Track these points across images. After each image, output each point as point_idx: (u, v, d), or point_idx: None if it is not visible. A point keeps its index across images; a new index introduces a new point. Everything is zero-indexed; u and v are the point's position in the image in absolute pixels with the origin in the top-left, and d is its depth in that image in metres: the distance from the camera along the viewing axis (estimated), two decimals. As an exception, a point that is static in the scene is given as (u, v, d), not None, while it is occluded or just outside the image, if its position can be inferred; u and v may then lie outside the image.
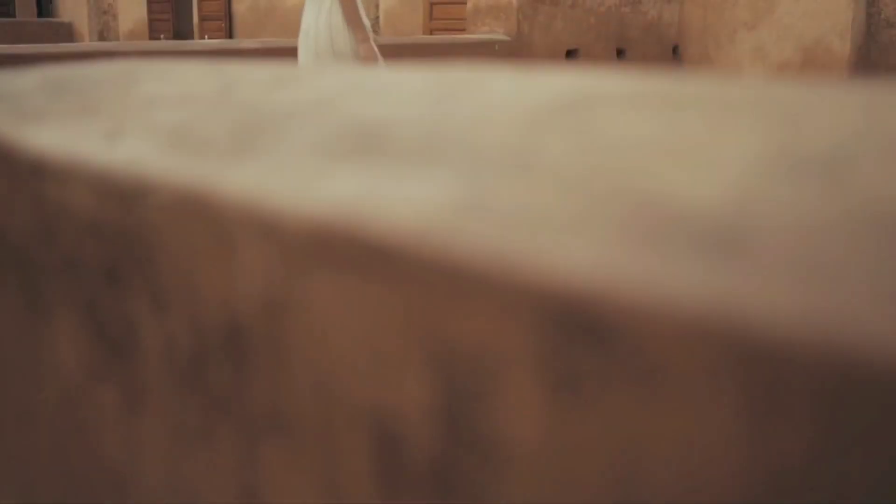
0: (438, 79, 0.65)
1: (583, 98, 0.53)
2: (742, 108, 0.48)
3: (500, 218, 0.40)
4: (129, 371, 0.62)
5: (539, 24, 7.79)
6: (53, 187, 0.68)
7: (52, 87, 0.91)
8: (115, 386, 0.64)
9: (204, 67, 0.91)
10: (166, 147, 0.63)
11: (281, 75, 0.78)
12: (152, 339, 0.59)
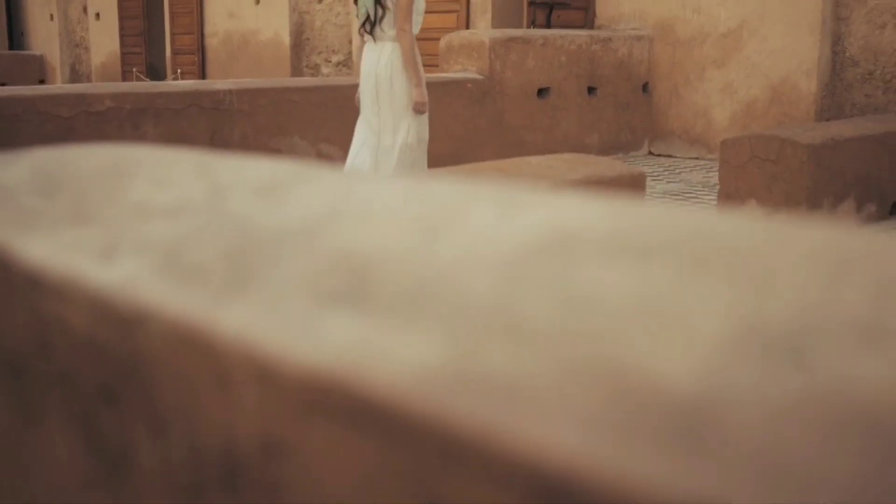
0: (422, 206, 0.68)
1: (560, 241, 0.56)
2: (714, 264, 0.51)
3: (485, 383, 0.43)
4: (123, 489, 0.65)
5: (511, 63, 7.88)
6: (50, 302, 0.70)
7: (42, 185, 0.94)
8: (107, 502, 0.66)
9: (194, 166, 0.94)
10: (161, 269, 0.65)
11: (270, 183, 0.81)
12: (149, 461, 0.61)
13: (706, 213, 0.63)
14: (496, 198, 0.70)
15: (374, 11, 4.74)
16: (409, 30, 4.72)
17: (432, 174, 4.00)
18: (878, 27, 7.80)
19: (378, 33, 4.81)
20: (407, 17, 4.70)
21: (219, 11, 14.82)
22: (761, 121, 8.31)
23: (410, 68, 4.78)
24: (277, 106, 6.30)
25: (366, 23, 4.82)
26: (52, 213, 0.84)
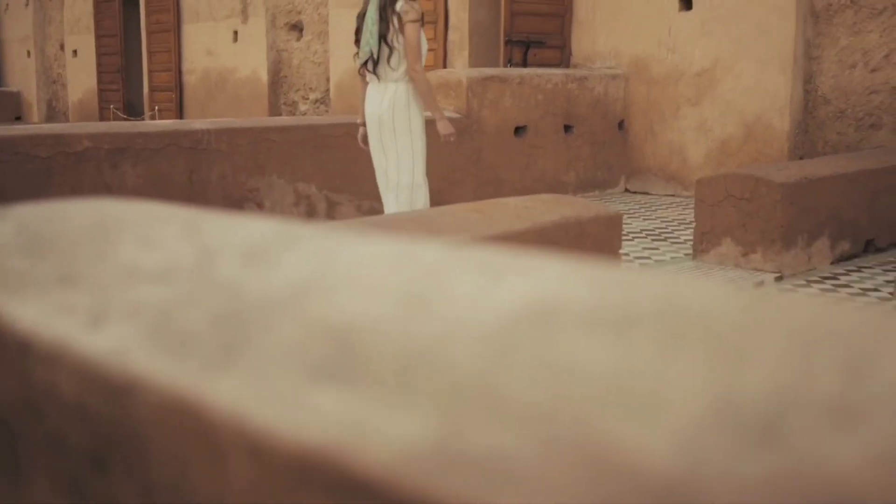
0: (407, 274, 0.70)
1: (542, 313, 0.58)
2: (690, 338, 0.53)
3: (470, 462, 0.44)
4: (114, 555, 0.65)
5: (488, 102, 7.94)
6: (40, 367, 0.71)
7: (29, 245, 0.95)
8: (99, 566, 0.67)
9: (182, 226, 0.95)
10: (150, 336, 0.67)
11: (257, 246, 0.83)
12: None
13: (683, 282, 0.65)
14: (479, 264, 0.71)
15: (378, 50, 4.76)
16: (420, 69, 4.81)
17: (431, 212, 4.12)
18: (848, 67, 7.93)
19: (382, 73, 4.84)
20: (416, 56, 4.79)
21: (196, 49, 14.87)
22: (736, 158, 8.40)
23: (431, 104, 4.89)
24: (256, 145, 6.32)
25: (368, 62, 4.83)
26: (41, 275, 0.85)
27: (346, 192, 6.90)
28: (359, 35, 4.89)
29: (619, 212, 3.98)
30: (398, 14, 4.71)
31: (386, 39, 4.73)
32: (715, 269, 5.39)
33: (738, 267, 5.43)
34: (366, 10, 4.84)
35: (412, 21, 4.73)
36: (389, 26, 4.72)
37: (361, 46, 4.85)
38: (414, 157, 4.93)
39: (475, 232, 3.30)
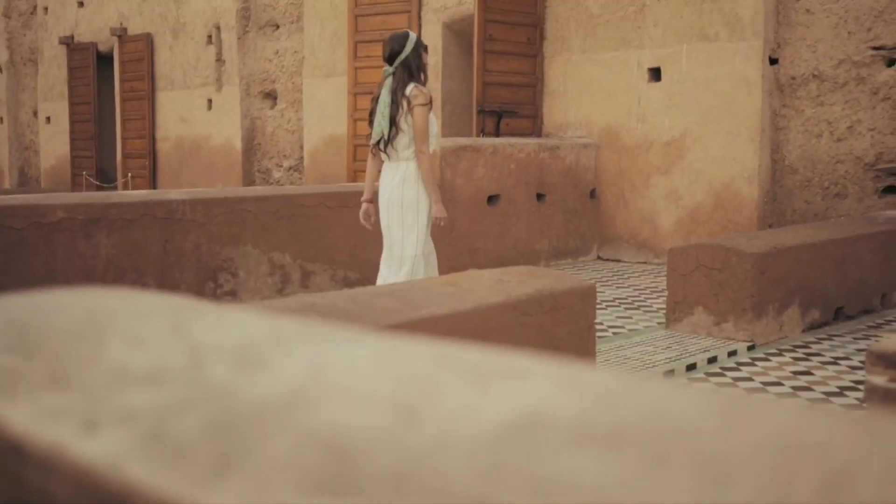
0: (397, 380, 0.72)
1: (531, 426, 0.60)
2: (674, 452, 0.55)
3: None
4: None
5: (462, 171, 8.02)
6: (33, 472, 0.72)
7: (18, 342, 0.96)
8: None
9: (170, 322, 0.97)
10: (144, 444, 0.68)
11: (247, 347, 0.84)
12: None
13: (667, 392, 0.67)
14: (466, 369, 0.73)
15: (388, 132, 4.97)
16: (426, 151, 4.99)
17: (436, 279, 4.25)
18: (814, 136, 8.10)
19: (391, 152, 5.05)
20: (424, 138, 4.97)
21: (171, 116, 14.94)
22: (706, 226, 8.51)
23: (430, 187, 5.04)
24: (231, 215, 6.34)
25: (379, 142, 5.05)
26: (31, 375, 0.86)
27: (321, 262, 6.91)
28: (372, 116, 5.11)
29: (592, 284, 4.01)
30: (408, 98, 4.94)
31: (396, 122, 4.96)
32: (688, 339, 5.43)
33: (710, 336, 5.47)
34: (379, 93, 5.07)
35: (421, 105, 4.94)
36: (399, 109, 4.94)
37: (374, 127, 5.07)
38: (417, 232, 5.08)
39: (450, 306, 3.32)
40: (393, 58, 5.02)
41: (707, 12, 8.42)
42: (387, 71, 5.06)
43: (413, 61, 5.04)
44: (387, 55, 5.05)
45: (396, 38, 5.09)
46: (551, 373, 0.71)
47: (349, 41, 11.06)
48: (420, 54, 5.10)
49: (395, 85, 4.97)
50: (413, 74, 5.04)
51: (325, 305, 3.10)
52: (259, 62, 13.66)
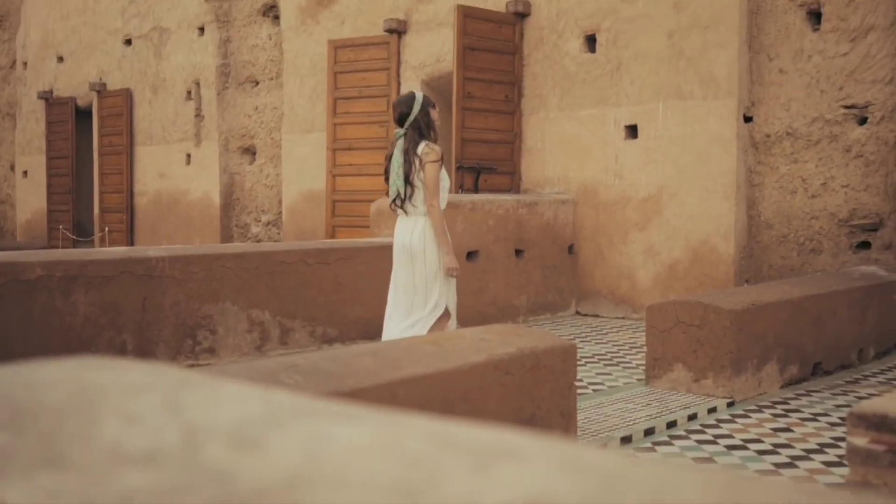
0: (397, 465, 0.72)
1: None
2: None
3: None
4: None
5: (441, 227, 8.05)
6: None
7: (10, 418, 0.95)
8: None
9: (164, 398, 0.96)
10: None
11: (243, 427, 0.84)
12: None
13: (668, 473, 0.68)
14: (465, 451, 0.74)
15: (404, 189, 5.24)
16: (437, 205, 5.23)
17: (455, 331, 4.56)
18: (789, 192, 8.20)
19: (408, 208, 5.31)
20: (434, 193, 5.22)
21: (149, 171, 14.94)
22: (683, 282, 8.57)
23: (441, 239, 5.28)
24: (210, 272, 6.33)
25: (396, 199, 5.32)
26: (24, 455, 0.85)
27: (300, 318, 6.89)
28: (387, 175, 5.37)
29: (573, 342, 4.02)
30: (419, 156, 5.20)
31: (409, 179, 5.22)
32: (668, 395, 5.44)
33: (690, 392, 5.48)
34: (392, 153, 5.33)
35: (432, 162, 5.21)
36: (413, 168, 5.20)
37: (390, 186, 5.33)
38: (439, 284, 5.31)
39: (432, 366, 3.31)
40: (403, 120, 5.26)
41: (682, 71, 8.56)
42: (398, 133, 5.30)
43: (422, 120, 5.26)
44: (397, 118, 5.30)
45: (404, 100, 5.34)
46: (552, 454, 0.72)
47: (328, 97, 11.14)
48: (428, 112, 5.32)
49: (406, 145, 5.22)
50: (423, 133, 5.27)
51: (306, 366, 3.09)
52: (238, 118, 13.72)
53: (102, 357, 1.25)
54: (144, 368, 1.17)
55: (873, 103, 7.67)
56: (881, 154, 7.64)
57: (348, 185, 11.06)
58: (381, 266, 7.49)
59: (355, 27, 11.57)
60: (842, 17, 7.81)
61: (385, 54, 10.97)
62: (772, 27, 8.21)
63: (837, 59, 7.83)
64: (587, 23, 9.33)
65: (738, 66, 8.22)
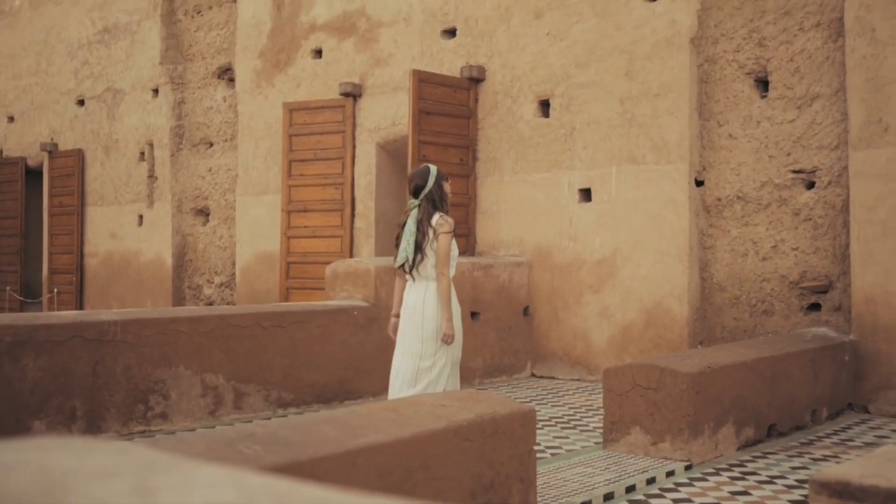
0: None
1: None
2: None
3: None
4: None
5: (397, 290, 8.03)
6: None
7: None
8: None
9: (133, 484, 0.94)
10: None
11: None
12: None
13: None
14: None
15: (413, 257, 5.43)
16: (446, 273, 5.44)
17: None
18: (740, 255, 8.31)
19: (416, 275, 5.48)
20: (445, 262, 5.43)
21: (100, 232, 14.80)
22: (638, 343, 8.61)
23: (445, 306, 5.44)
24: (163, 336, 6.24)
25: (404, 265, 5.49)
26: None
27: (255, 383, 6.81)
28: (398, 241, 5.56)
29: (532, 408, 4.01)
30: (433, 227, 5.42)
31: (422, 248, 5.42)
32: (626, 459, 5.43)
33: (648, 456, 5.48)
34: (404, 221, 5.54)
35: (445, 233, 5.42)
36: (425, 237, 5.42)
37: (399, 252, 5.51)
38: (445, 348, 5.48)
39: (391, 433, 3.28)
40: (418, 191, 5.50)
41: (634, 136, 8.70)
42: (412, 203, 5.52)
43: (435, 193, 5.51)
44: (412, 189, 5.55)
45: (420, 174, 5.58)
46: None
47: (283, 159, 11.15)
48: (441, 185, 5.56)
49: (420, 215, 5.45)
50: (437, 205, 5.50)
51: (265, 435, 3.05)
52: (192, 179, 13.67)
53: (64, 435, 1.22)
54: (110, 449, 1.14)
55: (820, 168, 7.83)
56: (829, 218, 7.79)
57: (303, 247, 11.02)
58: (337, 329, 7.45)
59: (311, 90, 11.63)
60: (788, 85, 8.00)
61: (340, 117, 11.03)
62: (721, 95, 8.39)
63: (785, 126, 8.01)
64: (541, 88, 9.47)
65: (688, 132, 8.38)
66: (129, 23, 14.43)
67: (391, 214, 11.07)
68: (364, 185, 10.99)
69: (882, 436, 6.31)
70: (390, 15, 10.89)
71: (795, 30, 7.97)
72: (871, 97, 7.23)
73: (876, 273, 7.20)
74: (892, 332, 7.12)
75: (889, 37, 7.15)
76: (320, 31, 11.64)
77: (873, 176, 7.21)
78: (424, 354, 5.46)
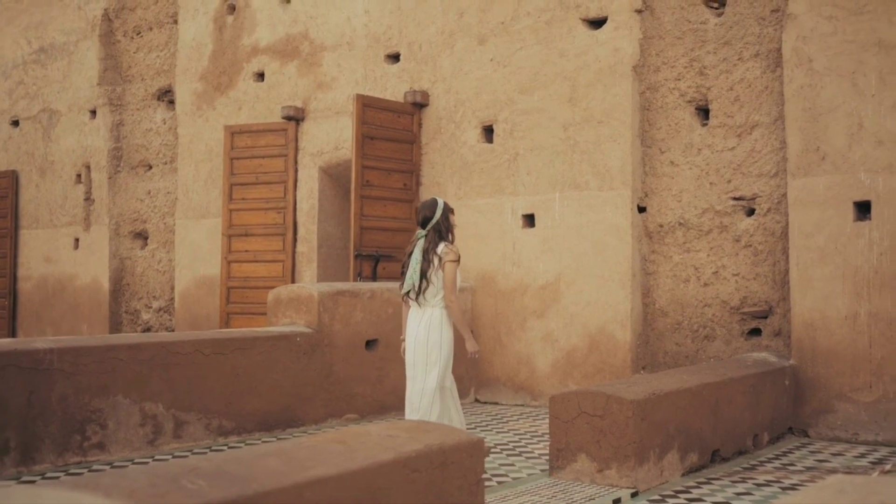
0: None
1: None
2: None
3: None
4: None
5: (340, 316, 7.96)
6: None
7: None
8: None
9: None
10: None
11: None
12: None
13: None
14: None
15: (419, 284, 5.78)
16: (454, 299, 5.82)
17: None
18: (682, 281, 8.38)
19: (421, 301, 5.84)
20: (452, 289, 5.80)
21: (34, 255, 14.48)
22: (581, 368, 8.63)
23: (463, 327, 5.93)
24: (102, 364, 6.09)
25: (410, 292, 5.85)
26: None
27: (195, 411, 6.68)
28: (404, 269, 5.92)
29: (481, 437, 3.98)
30: (439, 256, 5.78)
31: (427, 276, 5.77)
32: (572, 486, 5.41)
33: (594, 483, 5.46)
34: (411, 251, 5.90)
35: (451, 261, 5.79)
36: (431, 266, 5.78)
37: (406, 279, 5.86)
38: (439, 369, 5.84)
39: (339, 465, 3.22)
40: (426, 222, 5.85)
41: (577, 163, 8.75)
42: (419, 234, 5.87)
43: (442, 224, 5.87)
44: (420, 220, 5.89)
45: (428, 205, 5.92)
46: None
47: (224, 183, 11.02)
48: (448, 217, 5.92)
49: (426, 245, 5.81)
50: (443, 235, 5.86)
51: (209, 469, 2.97)
52: (130, 202, 13.45)
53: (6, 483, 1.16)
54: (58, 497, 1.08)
55: (760, 195, 7.95)
56: (769, 244, 7.90)
57: (244, 271, 10.89)
58: (280, 356, 7.35)
59: (252, 113, 11.54)
60: (728, 113, 8.12)
61: (283, 141, 10.95)
62: (663, 122, 8.49)
63: (725, 153, 8.12)
64: (484, 114, 9.50)
65: (631, 158, 8.45)
66: (67, 43, 14.20)
67: (334, 239, 10.99)
68: (306, 210, 10.90)
69: (822, 460, 6.38)
70: (333, 39, 10.86)
71: (735, 59, 8.09)
72: (809, 126, 7.36)
73: (815, 298, 7.31)
74: (831, 356, 7.22)
75: (825, 67, 7.29)
76: (263, 54, 11.56)
77: (811, 203, 7.33)
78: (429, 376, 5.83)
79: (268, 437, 7.14)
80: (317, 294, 7.82)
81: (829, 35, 7.29)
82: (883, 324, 6.99)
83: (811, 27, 7.38)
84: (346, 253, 10.84)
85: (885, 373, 6.97)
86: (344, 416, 7.89)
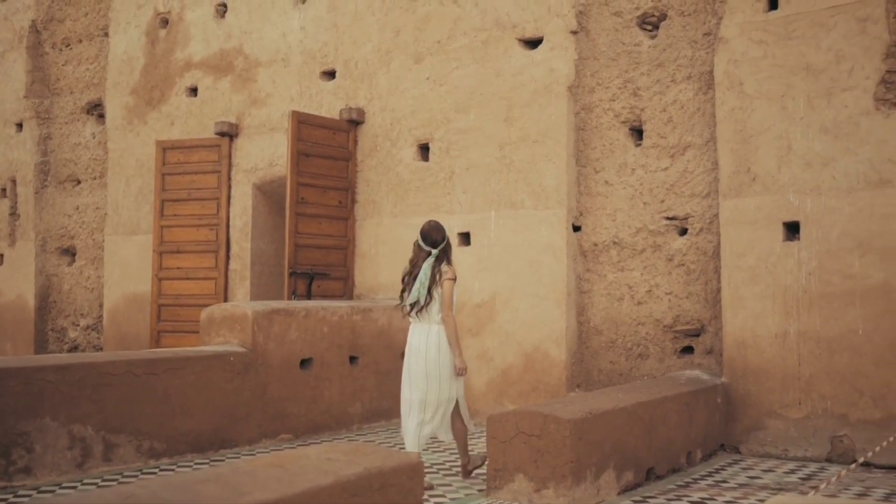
0: None
1: None
2: None
3: None
4: None
5: (274, 335, 7.87)
6: None
7: None
8: None
9: None
10: None
11: None
12: None
13: None
14: None
15: (424, 300, 6.12)
16: (451, 314, 6.16)
17: None
18: (616, 300, 8.46)
19: (423, 316, 6.18)
20: (449, 306, 6.15)
21: (-44, 272, 14.08)
22: (517, 387, 8.65)
23: (455, 344, 6.18)
24: (28, 386, 5.93)
25: (413, 307, 6.17)
26: None
27: (126, 433, 6.53)
28: (405, 286, 6.27)
29: (420, 460, 3.95)
30: (441, 273, 6.17)
31: (431, 292, 6.13)
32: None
33: (531, 503, 5.46)
34: (413, 269, 6.26)
35: (450, 279, 6.18)
36: (434, 282, 6.14)
37: (412, 293, 6.18)
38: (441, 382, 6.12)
39: (278, 491, 3.17)
40: (436, 244, 6.23)
41: (513, 182, 8.79)
42: (431, 253, 6.21)
43: (448, 247, 6.32)
44: (430, 242, 6.24)
45: (437, 229, 6.32)
46: None
47: (156, 199, 10.85)
48: (449, 241, 6.36)
49: (436, 264, 6.17)
50: (448, 258, 6.28)
51: (145, 496, 2.89)
52: (57, 217, 13.18)
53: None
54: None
55: (692, 215, 8.06)
56: (701, 263, 8.01)
57: (175, 289, 10.72)
58: (213, 376, 7.23)
59: (185, 129, 11.39)
60: (662, 134, 8.23)
61: (216, 157, 10.82)
62: (597, 142, 8.57)
63: (659, 174, 8.23)
64: (420, 132, 9.50)
65: (566, 178, 8.51)
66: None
67: (267, 256, 10.88)
68: (240, 227, 10.78)
69: (754, 476, 6.46)
70: (268, 54, 10.78)
71: (668, 81, 8.22)
72: (740, 148, 7.50)
73: (745, 317, 7.42)
74: (762, 374, 7.34)
75: (756, 91, 7.44)
76: (196, 69, 11.43)
77: (742, 223, 7.46)
78: (430, 390, 6.11)
79: (200, 459, 7.01)
80: (251, 313, 7.72)
81: (759, 59, 7.44)
82: (811, 342, 7.13)
83: (742, 51, 7.53)
84: (279, 270, 10.74)
85: (814, 390, 7.11)
86: (278, 437, 7.79)
